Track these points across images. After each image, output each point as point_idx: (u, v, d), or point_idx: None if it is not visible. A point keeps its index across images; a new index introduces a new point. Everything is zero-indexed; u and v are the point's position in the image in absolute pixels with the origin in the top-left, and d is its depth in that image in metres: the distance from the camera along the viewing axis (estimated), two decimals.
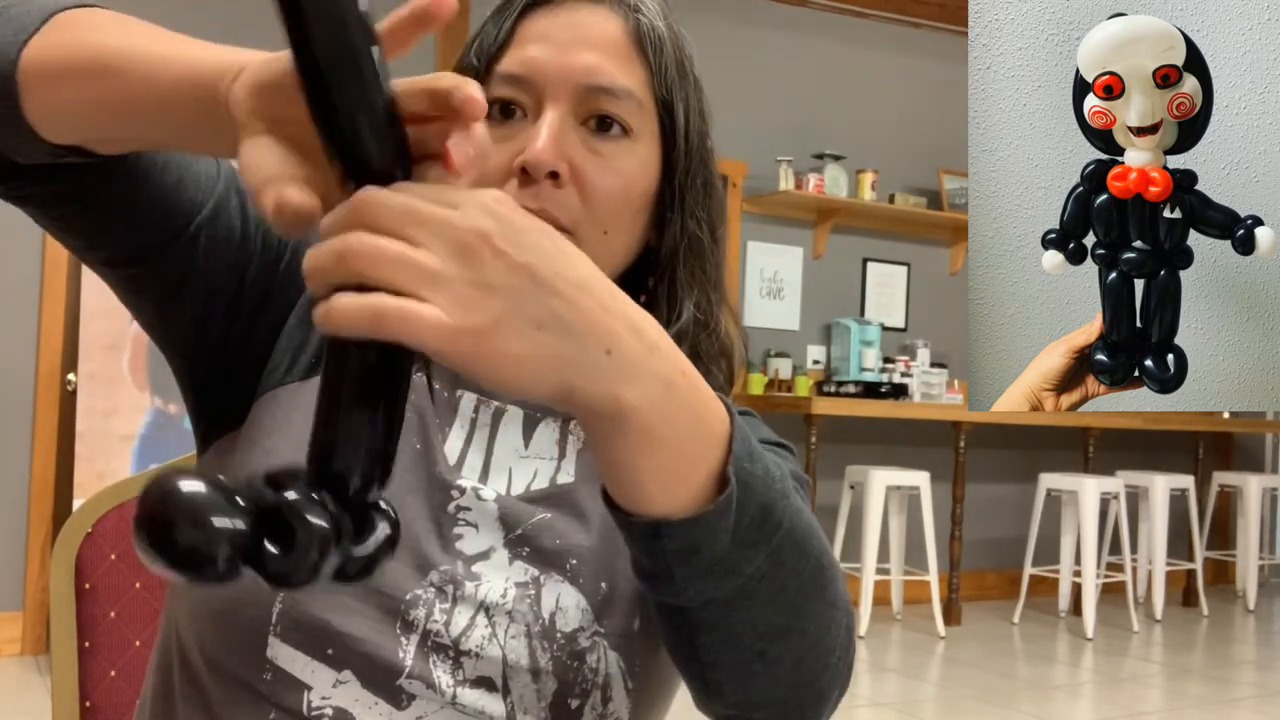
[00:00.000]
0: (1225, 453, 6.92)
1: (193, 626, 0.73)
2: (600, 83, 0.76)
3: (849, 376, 5.59)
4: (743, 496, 0.53)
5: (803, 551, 0.58)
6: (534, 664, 0.72)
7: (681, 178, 0.80)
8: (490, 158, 0.50)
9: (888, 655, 4.87)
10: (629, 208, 0.78)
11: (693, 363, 0.80)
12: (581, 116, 0.76)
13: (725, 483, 0.53)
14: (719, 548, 0.53)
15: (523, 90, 0.76)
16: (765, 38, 5.65)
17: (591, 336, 0.48)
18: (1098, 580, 5.35)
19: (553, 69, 0.75)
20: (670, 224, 0.81)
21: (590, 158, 0.76)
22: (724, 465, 0.53)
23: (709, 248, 0.83)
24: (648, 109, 0.78)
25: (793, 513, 0.57)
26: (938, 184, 5.97)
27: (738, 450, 0.54)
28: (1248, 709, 4.24)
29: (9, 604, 4.11)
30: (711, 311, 0.83)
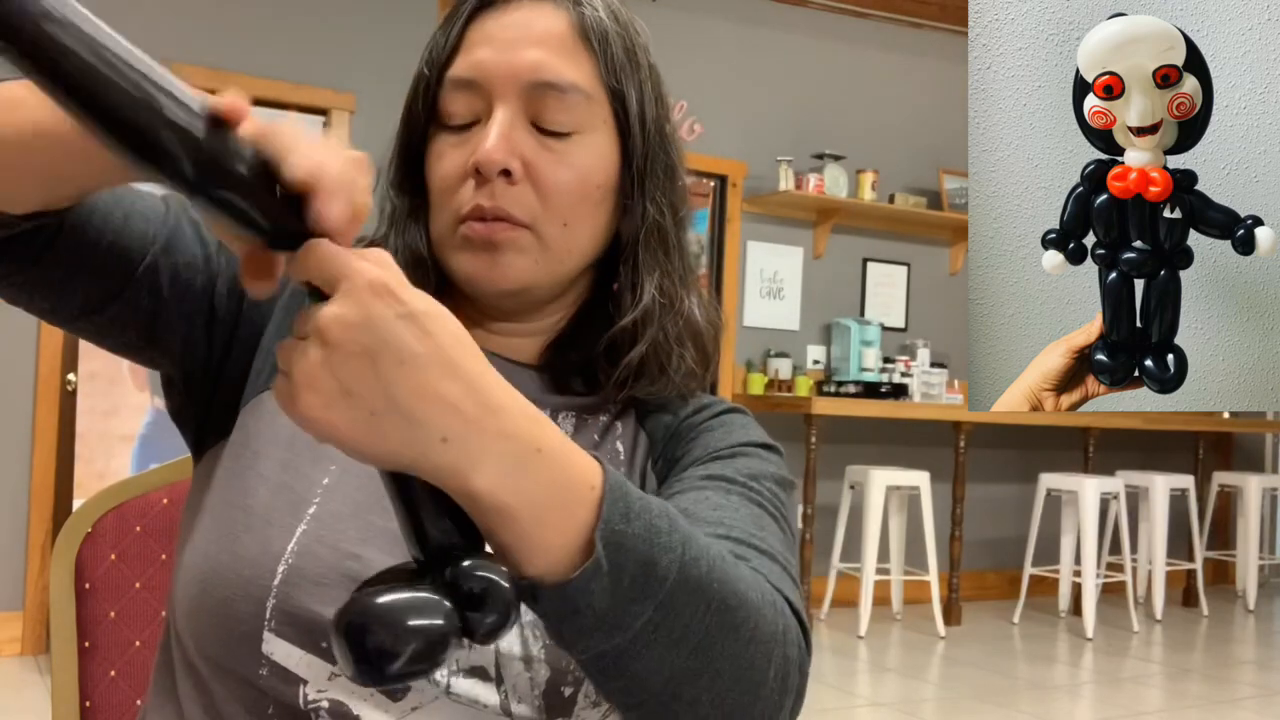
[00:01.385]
0: (1225, 453, 6.92)
1: (190, 625, 0.73)
2: (546, 78, 0.77)
3: (849, 376, 5.59)
4: (617, 557, 0.55)
5: (701, 597, 0.58)
6: (526, 652, 0.72)
7: (640, 164, 0.82)
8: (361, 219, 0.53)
9: (888, 655, 4.87)
10: (587, 200, 0.80)
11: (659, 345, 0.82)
12: (531, 114, 0.78)
13: (593, 546, 0.55)
14: (599, 606, 0.55)
15: (474, 94, 0.78)
16: (765, 38, 5.65)
17: (427, 424, 0.50)
18: (1098, 580, 5.35)
19: (499, 69, 0.77)
20: (631, 211, 0.82)
21: (542, 153, 0.77)
22: (593, 529, 0.55)
23: (671, 230, 0.84)
24: (598, 99, 0.80)
25: (683, 562, 0.58)
26: (938, 184, 5.97)
27: (608, 512, 0.55)
28: (1248, 709, 4.24)
29: (9, 604, 4.11)
30: (675, 293, 0.84)
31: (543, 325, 0.85)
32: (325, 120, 4.62)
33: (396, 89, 0.77)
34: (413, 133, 0.83)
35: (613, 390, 0.82)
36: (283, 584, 0.70)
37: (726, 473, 0.77)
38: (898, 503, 5.40)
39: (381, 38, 4.70)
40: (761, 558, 0.69)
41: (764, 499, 0.76)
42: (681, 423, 0.85)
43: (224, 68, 4.42)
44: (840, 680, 4.39)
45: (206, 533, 0.74)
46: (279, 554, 0.70)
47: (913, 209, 5.76)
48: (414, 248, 0.81)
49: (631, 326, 0.82)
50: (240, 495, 0.74)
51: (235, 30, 4.48)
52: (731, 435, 0.83)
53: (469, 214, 0.77)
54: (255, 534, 0.72)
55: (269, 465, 0.75)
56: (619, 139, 0.81)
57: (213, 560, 0.72)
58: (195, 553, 0.74)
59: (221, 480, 0.76)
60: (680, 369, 0.83)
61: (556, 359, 0.84)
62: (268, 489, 0.74)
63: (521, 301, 0.82)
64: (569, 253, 0.80)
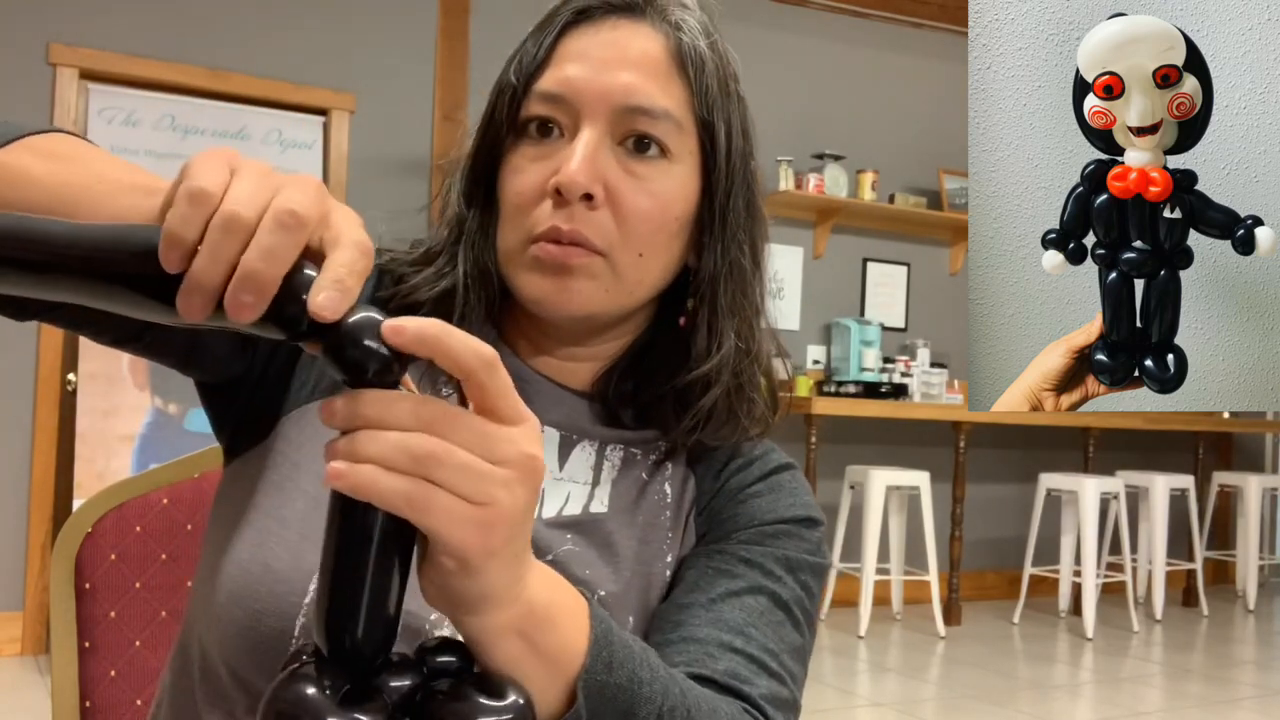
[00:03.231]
0: (1225, 453, 6.92)
1: (215, 635, 0.72)
2: (638, 103, 0.75)
3: (849, 376, 5.59)
4: (596, 706, 0.56)
5: None
6: None
7: (722, 200, 0.79)
8: None
9: (888, 655, 4.87)
10: (665, 230, 0.77)
11: (735, 392, 0.81)
12: (619, 137, 0.75)
13: (574, 695, 0.56)
14: None
15: (560, 109, 0.75)
16: (765, 38, 5.65)
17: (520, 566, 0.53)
18: (1098, 580, 5.35)
19: (590, 89, 0.75)
20: (710, 248, 0.80)
21: (626, 179, 0.75)
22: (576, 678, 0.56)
23: (750, 272, 0.81)
24: (687, 129, 0.77)
25: (664, 712, 0.59)
26: (938, 184, 5.97)
27: (590, 663, 0.56)
28: (1248, 709, 4.24)
29: (9, 604, 4.11)
30: (754, 338, 0.82)
31: (600, 352, 0.82)
32: (325, 120, 4.62)
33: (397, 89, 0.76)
34: (490, 141, 0.80)
35: (682, 435, 0.81)
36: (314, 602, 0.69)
37: (763, 561, 0.77)
38: (898, 503, 5.40)
39: (381, 38, 4.70)
40: (770, 681, 0.70)
41: (792, 599, 0.77)
42: (731, 477, 0.83)
43: (224, 68, 4.42)
44: (840, 680, 4.39)
45: (241, 541, 0.73)
46: (311, 570, 0.69)
47: (913, 209, 5.76)
48: (482, 263, 0.79)
49: (709, 372, 0.79)
50: (277, 506, 0.73)
51: (235, 30, 4.48)
52: (778, 506, 0.82)
53: (544, 234, 0.74)
54: (289, 547, 0.70)
55: (308, 479, 0.73)
56: (703, 171, 0.79)
57: (244, 571, 0.71)
58: (228, 561, 0.72)
59: (259, 489, 0.74)
60: (751, 415, 0.82)
61: (610, 389, 0.82)
62: (305, 502, 0.72)
63: (584, 327, 0.80)
64: (640, 283, 0.78)
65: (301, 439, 0.75)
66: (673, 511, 0.81)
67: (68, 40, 4.22)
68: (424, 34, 4.78)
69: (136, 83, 4.32)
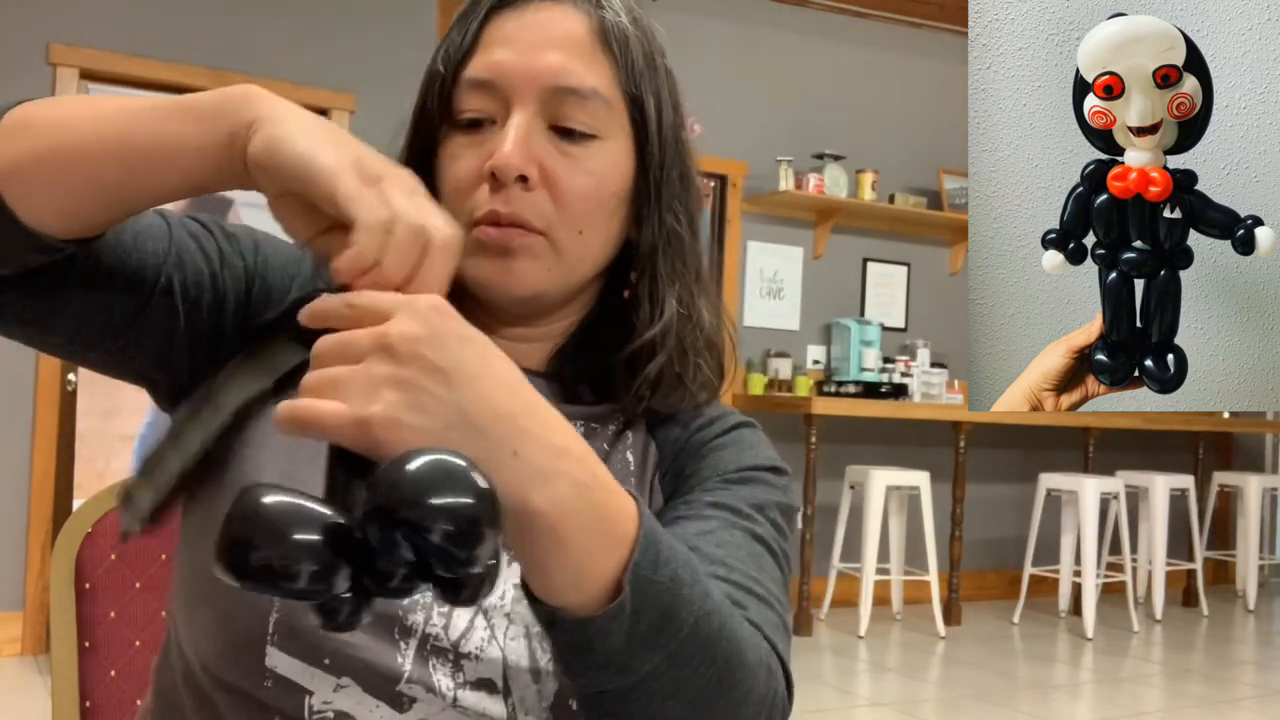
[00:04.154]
0: (1225, 453, 6.92)
1: (191, 637, 0.72)
2: (566, 83, 0.76)
3: (849, 376, 5.59)
4: (640, 602, 0.55)
5: (708, 654, 0.59)
6: (534, 665, 0.72)
7: (656, 172, 0.81)
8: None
9: (888, 655, 4.87)
10: (603, 207, 0.78)
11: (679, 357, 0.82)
12: (549, 118, 0.76)
13: (621, 588, 0.55)
14: (611, 647, 0.55)
15: (490, 95, 0.76)
16: (765, 38, 5.64)
17: (499, 438, 0.52)
18: (1098, 580, 5.35)
19: (518, 72, 0.76)
20: (648, 220, 0.81)
21: (560, 159, 0.76)
22: (623, 570, 0.55)
23: (688, 240, 0.83)
24: (616, 106, 0.78)
25: (699, 616, 0.59)
26: (938, 184, 5.97)
27: (639, 557, 0.56)
28: (1248, 709, 4.24)
29: (9, 604, 4.11)
30: (694, 304, 0.83)
31: (550, 331, 0.84)
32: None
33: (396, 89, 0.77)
34: (424, 131, 0.81)
35: (631, 403, 0.82)
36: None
37: (733, 502, 0.77)
38: (898, 503, 5.40)
39: (381, 38, 4.70)
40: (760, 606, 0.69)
41: (766, 534, 0.77)
42: (691, 436, 0.84)
43: (224, 68, 4.42)
44: (840, 680, 4.39)
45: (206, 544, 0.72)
46: None
47: (913, 209, 5.76)
48: None
49: (652, 339, 0.81)
50: None
51: (235, 30, 4.48)
52: (741, 456, 0.82)
53: (483, 218, 0.76)
54: None
55: (269, 476, 0.74)
56: (635, 146, 0.80)
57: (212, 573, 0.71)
58: (194, 565, 0.73)
59: (222, 487, 0.74)
60: (697, 380, 0.83)
61: (564, 367, 0.84)
62: None
63: (531, 308, 0.81)
64: (582, 260, 0.79)
65: (262, 436, 0.75)
66: (636, 477, 0.81)
67: (68, 40, 4.22)
68: (424, 34, 4.78)
69: (136, 83, 4.32)
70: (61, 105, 0.65)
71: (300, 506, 0.47)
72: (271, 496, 0.47)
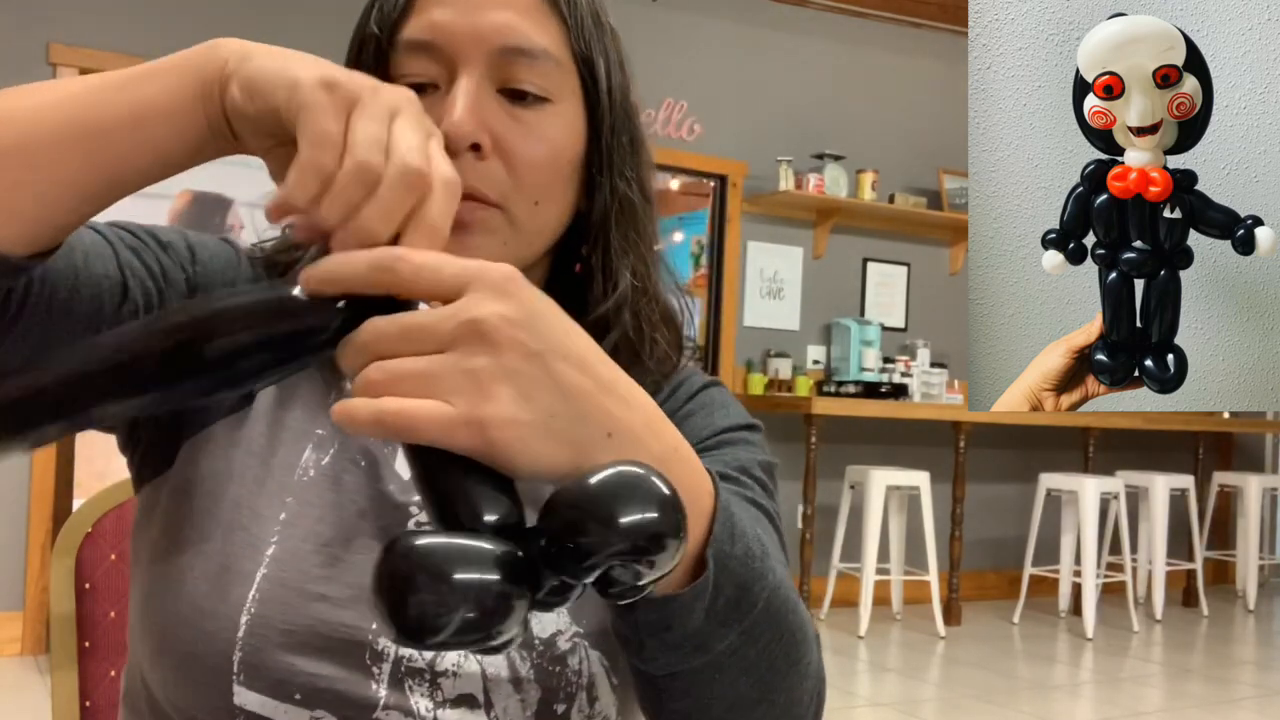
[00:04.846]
0: (1225, 453, 6.92)
1: (156, 674, 0.70)
2: (515, 43, 0.70)
3: (849, 376, 5.59)
4: (720, 578, 0.53)
5: (777, 627, 0.57)
6: (514, 674, 0.69)
7: (608, 137, 0.76)
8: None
9: (888, 655, 4.87)
10: (559, 176, 0.73)
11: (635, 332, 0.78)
12: (498, 82, 0.71)
13: (703, 564, 0.52)
14: (691, 625, 0.53)
15: (432, 59, 0.70)
16: (765, 38, 5.64)
17: (596, 420, 0.48)
18: (1098, 580, 5.35)
19: (462, 32, 0.69)
20: (600, 187, 0.76)
21: (513, 125, 0.70)
22: (704, 546, 0.52)
23: (641, 208, 0.78)
24: (567, 67, 0.73)
25: (770, 590, 0.56)
26: (938, 184, 5.97)
27: (718, 532, 0.53)
28: (1248, 709, 4.24)
29: (9, 604, 4.11)
30: (649, 275, 0.79)
31: None
32: None
33: None
34: None
35: None
36: (248, 635, 0.66)
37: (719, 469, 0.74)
38: (898, 503, 5.40)
39: None
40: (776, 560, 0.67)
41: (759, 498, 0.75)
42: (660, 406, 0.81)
43: None
44: (840, 680, 4.39)
45: (162, 580, 0.70)
46: (240, 603, 0.66)
47: (913, 209, 5.76)
48: None
49: (606, 314, 0.76)
50: (196, 541, 0.69)
51: (235, 30, 4.47)
52: (712, 418, 0.80)
53: None
54: (213, 582, 0.67)
55: (223, 506, 0.70)
56: (586, 109, 0.75)
57: (172, 612, 0.68)
58: (152, 602, 0.70)
59: (173, 523, 0.71)
60: (655, 355, 0.79)
61: None
62: (222, 532, 0.69)
63: None
64: (539, 233, 0.74)
65: (209, 465, 0.71)
66: None
67: (68, 40, 4.22)
68: None
69: None
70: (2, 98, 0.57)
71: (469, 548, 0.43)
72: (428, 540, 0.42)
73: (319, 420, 0.74)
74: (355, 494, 0.72)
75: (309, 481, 0.72)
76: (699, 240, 6.18)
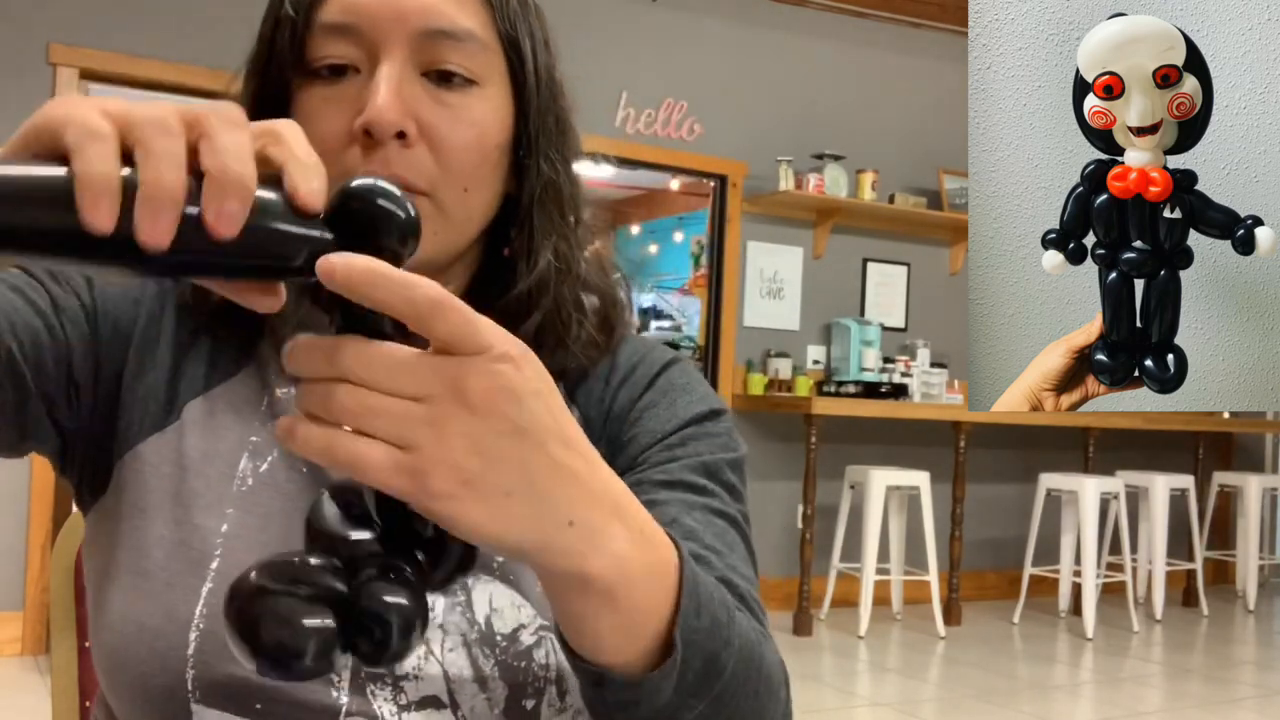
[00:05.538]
0: (1225, 453, 6.92)
1: (114, 700, 0.69)
2: (439, 26, 0.68)
3: (849, 376, 5.59)
4: (688, 654, 0.53)
5: (745, 685, 0.57)
6: (479, 673, 0.68)
7: (535, 119, 0.74)
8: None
9: (888, 655, 4.87)
10: (487, 161, 0.71)
11: (556, 315, 0.75)
12: (422, 66, 0.68)
13: (672, 644, 0.52)
14: (660, 701, 0.53)
15: (352, 41, 0.68)
16: (765, 38, 5.64)
17: (557, 506, 0.46)
18: (1098, 580, 5.35)
19: (385, 15, 0.67)
20: (528, 170, 0.74)
21: (439, 110, 0.68)
22: (672, 625, 0.52)
23: (567, 190, 0.76)
24: (492, 49, 0.71)
25: (736, 654, 0.56)
26: (938, 184, 5.97)
27: (685, 607, 0.52)
28: (1248, 709, 4.24)
29: (9, 604, 4.11)
30: (573, 257, 0.76)
31: None
32: None
33: None
34: (272, 85, 0.71)
35: None
36: (198, 653, 0.65)
37: (684, 476, 0.73)
38: (898, 503, 5.40)
39: None
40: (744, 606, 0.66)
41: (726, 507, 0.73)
42: (616, 394, 0.78)
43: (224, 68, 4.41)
44: (840, 680, 4.40)
45: (110, 604, 0.69)
46: (187, 621, 0.65)
47: (913, 209, 5.76)
48: None
49: (525, 295, 0.74)
50: (136, 560, 0.68)
51: (235, 30, 4.47)
52: (675, 409, 0.77)
53: None
54: (158, 601, 0.66)
55: (161, 524, 0.69)
56: (513, 91, 0.73)
57: (120, 635, 0.67)
58: (102, 627, 0.69)
59: (115, 544, 0.70)
60: (580, 339, 0.76)
61: None
62: (163, 550, 0.68)
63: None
64: (469, 220, 0.72)
65: (143, 483, 0.70)
66: None
67: (68, 40, 4.22)
68: None
69: (136, 83, 4.32)
70: None
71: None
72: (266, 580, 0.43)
73: (252, 427, 0.73)
74: (298, 499, 0.70)
75: (249, 491, 0.70)
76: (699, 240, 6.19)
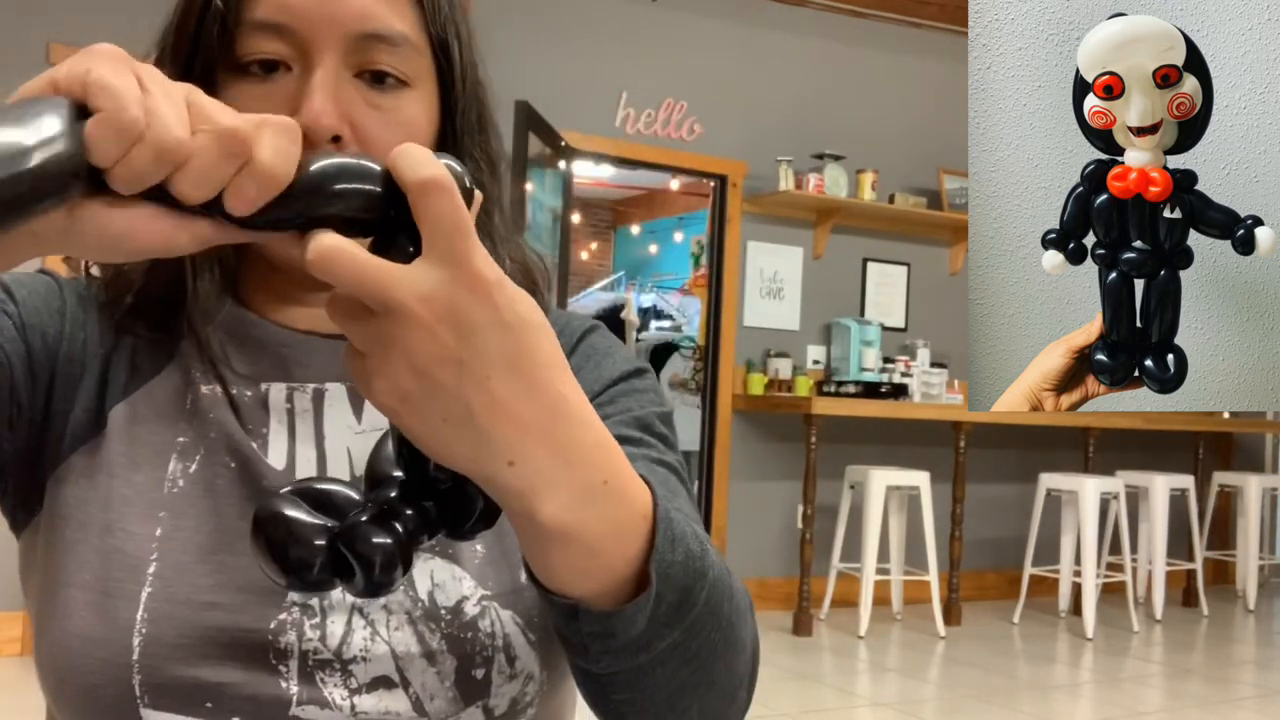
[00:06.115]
0: (1225, 453, 6.92)
1: (61, 710, 0.69)
2: (374, 29, 0.68)
3: (849, 376, 5.59)
4: (662, 587, 0.53)
5: (717, 616, 0.58)
6: (426, 648, 0.69)
7: (460, 117, 0.75)
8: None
9: (888, 655, 4.87)
10: None
11: None
12: (355, 67, 0.69)
13: (647, 578, 0.52)
14: (635, 631, 0.53)
15: (284, 41, 0.67)
16: (765, 38, 5.64)
17: (496, 444, 0.46)
18: (1098, 580, 5.35)
19: (319, 17, 0.67)
20: None
21: (371, 113, 0.69)
22: (646, 559, 0.52)
23: (490, 189, 0.77)
24: (423, 51, 0.72)
25: (709, 585, 0.57)
26: (938, 184, 5.97)
27: (660, 543, 0.53)
28: (1248, 709, 4.24)
29: (9, 604, 4.11)
30: (495, 250, 0.77)
31: None
32: None
33: None
34: (193, 75, 0.70)
35: None
36: (143, 657, 0.65)
37: (620, 431, 0.73)
38: (898, 503, 5.40)
39: None
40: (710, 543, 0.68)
41: (663, 454, 0.74)
42: None
43: None
44: (840, 680, 4.40)
45: (52, 619, 0.69)
46: (129, 626, 0.65)
47: (913, 209, 5.76)
48: None
49: None
50: (74, 571, 0.68)
51: None
52: (601, 370, 0.79)
53: None
54: (98, 610, 0.66)
55: (93, 533, 0.69)
56: (439, 91, 0.74)
57: (63, 649, 0.67)
58: (47, 642, 0.69)
59: (50, 560, 0.70)
60: None
61: None
62: (98, 559, 0.68)
63: None
64: None
65: (74, 495, 0.70)
66: None
67: (68, 40, 4.22)
68: None
69: None
70: None
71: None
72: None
73: (178, 429, 0.73)
74: (230, 496, 0.71)
75: (180, 493, 0.71)
76: (699, 240, 6.19)
